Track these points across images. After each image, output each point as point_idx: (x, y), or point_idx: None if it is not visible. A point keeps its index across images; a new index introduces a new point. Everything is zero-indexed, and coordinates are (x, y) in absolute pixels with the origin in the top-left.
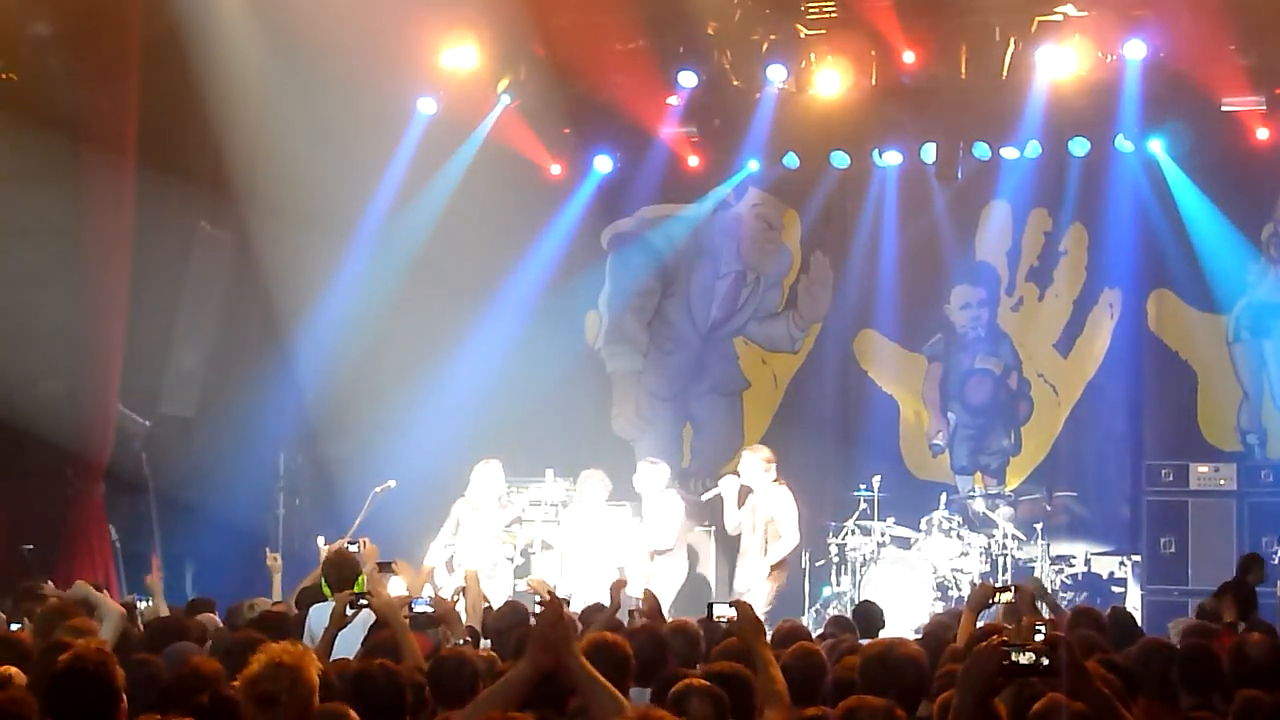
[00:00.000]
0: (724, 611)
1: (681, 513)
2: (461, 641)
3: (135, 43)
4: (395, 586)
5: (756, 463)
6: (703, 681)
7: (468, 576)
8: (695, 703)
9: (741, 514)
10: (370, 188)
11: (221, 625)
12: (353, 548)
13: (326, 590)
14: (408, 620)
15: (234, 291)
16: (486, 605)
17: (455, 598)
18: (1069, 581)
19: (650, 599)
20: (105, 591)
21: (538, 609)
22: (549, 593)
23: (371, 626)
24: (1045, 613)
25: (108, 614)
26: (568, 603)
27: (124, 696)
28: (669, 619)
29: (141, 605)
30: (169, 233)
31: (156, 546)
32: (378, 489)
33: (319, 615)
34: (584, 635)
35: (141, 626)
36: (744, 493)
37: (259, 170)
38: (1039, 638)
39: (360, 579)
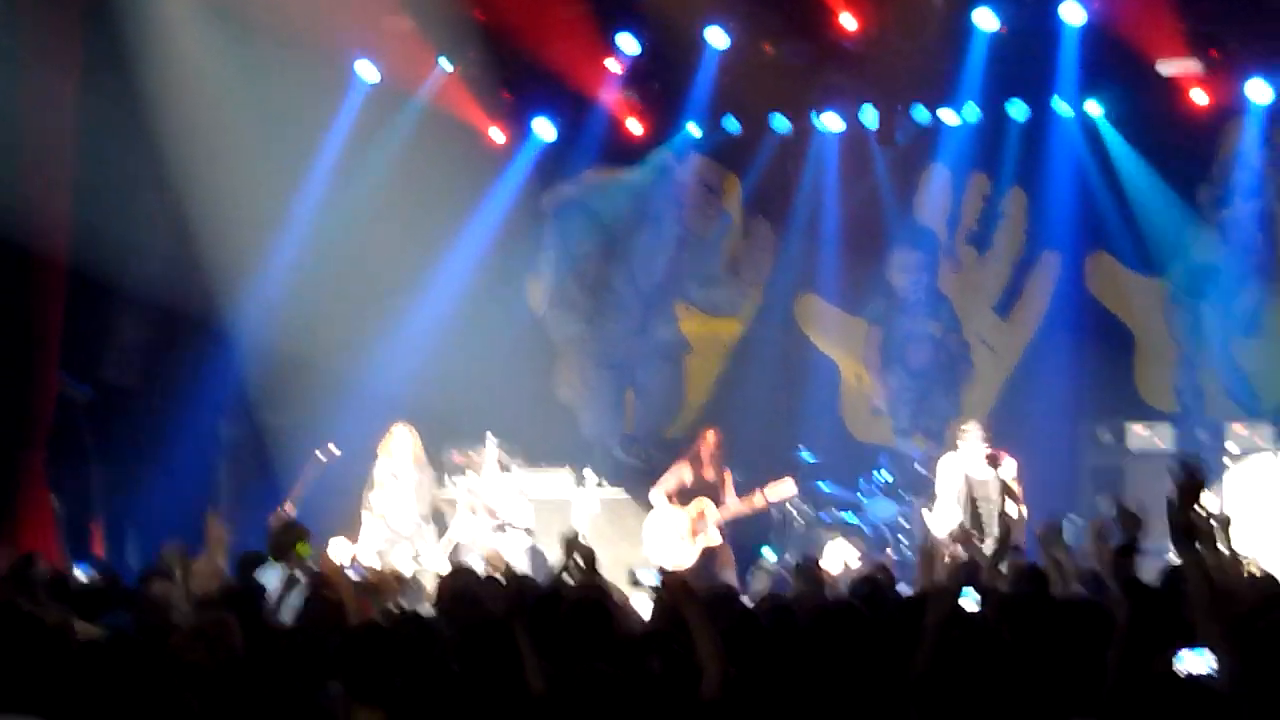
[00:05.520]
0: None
1: None
2: (394, 609)
3: (75, 10)
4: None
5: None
6: None
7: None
8: None
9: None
10: (310, 154)
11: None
12: None
13: (272, 557)
14: None
15: (175, 261)
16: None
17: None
18: None
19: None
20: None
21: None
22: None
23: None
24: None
25: None
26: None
27: None
28: None
29: (83, 577)
30: (108, 202)
31: (99, 515)
32: (320, 454)
33: (264, 577)
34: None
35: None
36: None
37: (199, 138)
38: None
39: (304, 545)
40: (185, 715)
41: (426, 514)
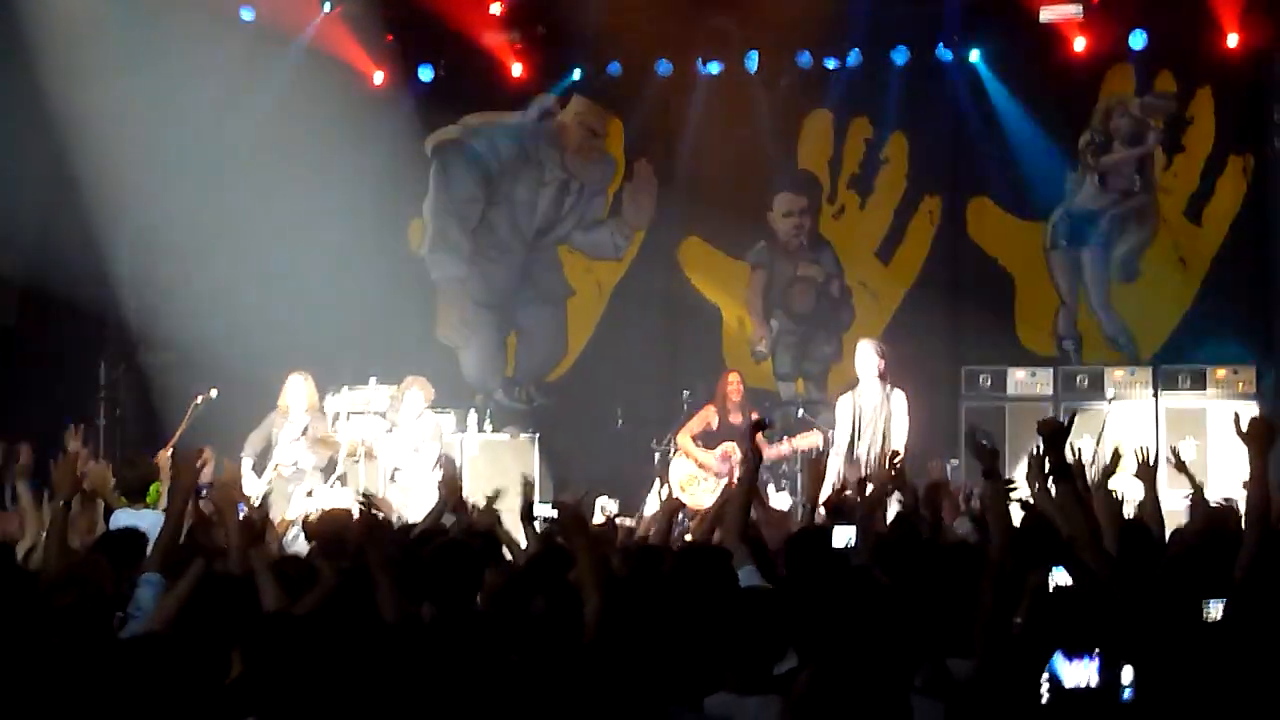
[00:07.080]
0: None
1: None
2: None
3: None
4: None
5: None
6: None
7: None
8: None
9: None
10: (192, 95)
11: None
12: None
13: (121, 499)
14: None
15: (53, 199)
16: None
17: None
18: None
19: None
20: None
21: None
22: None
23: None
24: None
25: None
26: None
27: None
28: None
29: None
30: None
31: None
32: (199, 398)
33: (120, 520)
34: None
35: None
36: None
37: (78, 77)
38: None
39: (155, 486)
40: (55, 659)
41: (320, 461)
